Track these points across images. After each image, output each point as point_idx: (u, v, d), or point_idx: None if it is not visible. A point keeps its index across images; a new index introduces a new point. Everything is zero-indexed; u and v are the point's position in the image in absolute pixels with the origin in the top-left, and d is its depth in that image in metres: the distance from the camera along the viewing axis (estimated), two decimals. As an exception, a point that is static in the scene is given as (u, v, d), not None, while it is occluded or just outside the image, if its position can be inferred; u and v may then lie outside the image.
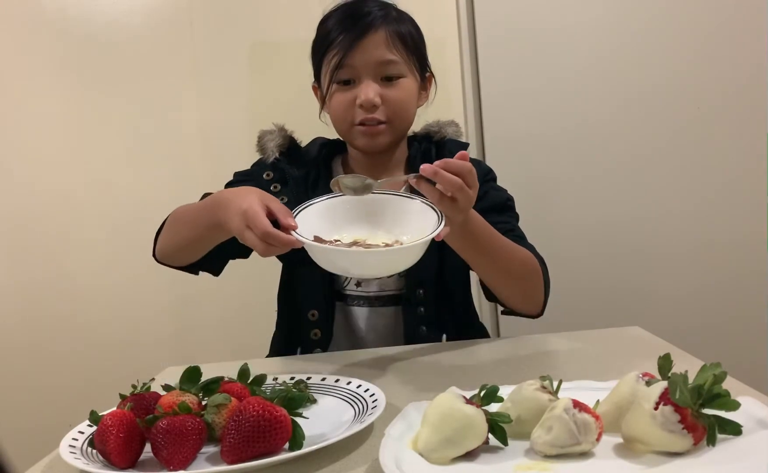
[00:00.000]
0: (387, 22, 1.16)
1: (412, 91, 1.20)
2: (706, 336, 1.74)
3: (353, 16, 1.16)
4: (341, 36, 1.15)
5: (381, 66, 1.15)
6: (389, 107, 1.17)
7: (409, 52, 1.18)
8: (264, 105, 1.95)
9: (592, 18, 1.82)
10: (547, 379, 0.68)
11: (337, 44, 1.15)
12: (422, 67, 1.23)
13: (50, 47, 1.95)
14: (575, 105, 1.82)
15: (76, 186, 1.97)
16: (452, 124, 1.32)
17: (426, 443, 0.63)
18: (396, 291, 1.22)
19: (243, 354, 1.23)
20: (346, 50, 1.14)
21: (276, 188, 1.23)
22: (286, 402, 0.70)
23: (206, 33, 1.96)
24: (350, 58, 1.14)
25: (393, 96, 1.17)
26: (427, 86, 1.26)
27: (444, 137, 1.29)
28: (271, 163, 1.26)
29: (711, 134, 1.81)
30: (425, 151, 1.27)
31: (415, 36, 1.21)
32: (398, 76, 1.17)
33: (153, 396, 0.75)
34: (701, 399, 0.59)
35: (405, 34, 1.18)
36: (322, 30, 1.21)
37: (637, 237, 1.83)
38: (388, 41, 1.15)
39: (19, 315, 1.98)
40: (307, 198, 1.15)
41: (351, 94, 1.17)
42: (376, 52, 1.15)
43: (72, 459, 0.69)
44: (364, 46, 1.14)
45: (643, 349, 1.04)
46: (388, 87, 1.17)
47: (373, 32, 1.14)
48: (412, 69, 1.19)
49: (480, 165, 1.29)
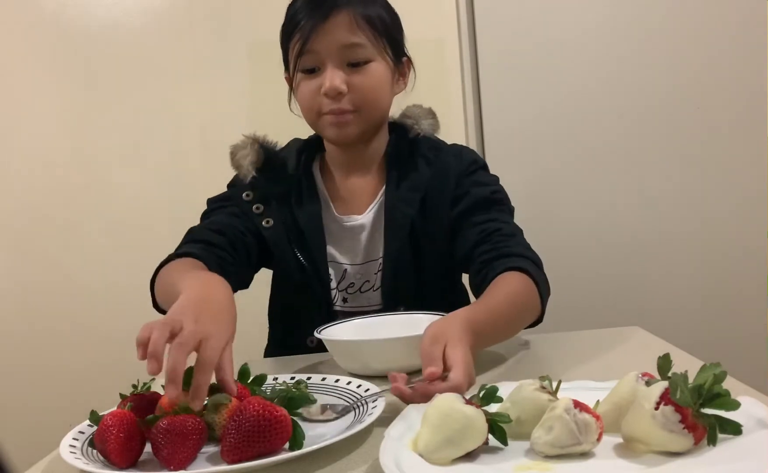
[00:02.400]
0: (352, 4, 1.09)
1: (383, 77, 1.13)
2: (706, 336, 1.74)
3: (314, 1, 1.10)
4: (304, 19, 1.09)
5: (345, 50, 1.09)
6: (357, 94, 1.10)
7: (378, 34, 1.11)
8: (264, 105, 1.95)
9: (592, 17, 1.82)
10: (547, 379, 0.68)
11: (300, 28, 1.09)
12: (396, 51, 1.16)
13: (50, 47, 1.95)
14: (575, 104, 1.82)
15: (76, 186, 1.97)
16: (429, 114, 1.24)
17: (426, 444, 0.63)
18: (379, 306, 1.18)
19: (243, 354, 1.23)
20: (308, 35, 1.08)
21: (259, 209, 1.17)
22: (286, 402, 0.71)
23: (206, 33, 1.96)
24: (313, 42, 1.08)
25: (360, 82, 1.10)
26: (404, 71, 1.19)
27: (418, 134, 1.21)
28: (249, 182, 1.19)
29: (711, 134, 1.81)
30: (398, 150, 1.20)
31: (385, 18, 1.13)
32: (366, 60, 1.10)
33: (153, 396, 0.75)
34: (701, 399, 0.59)
35: (373, 16, 1.11)
36: (288, 13, 1.15)
37: (637, 237, 1.83)
38: (353, 23, 1.08)
39: (19, 315, 1.98)
40: (293, 216, 1.17)
41: (316, 82, 1.11)
42: (340, 35, 1.08)
43: (72, 459, 0.69)
44: (326, 30, 1.08)
45: (643, 349, 1.04)
46: (355, 73, 1.10)
47: (336, 13, 1.08)
48: (383, 52, 1.12)
49: (462, 155, 1.22)
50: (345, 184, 1.22)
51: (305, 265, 1.17)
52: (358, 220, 1.19)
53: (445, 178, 1.18)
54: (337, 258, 1.20)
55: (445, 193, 1.17)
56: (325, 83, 1.09)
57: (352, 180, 1.22)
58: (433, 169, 1.18)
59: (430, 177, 1.17)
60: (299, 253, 1.17)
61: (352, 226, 1.19)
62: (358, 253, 1.19)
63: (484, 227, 1.11)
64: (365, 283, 1.19)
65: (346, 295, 1.19)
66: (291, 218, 1.18)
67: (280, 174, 1.21)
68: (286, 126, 1.30)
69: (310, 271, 1.17)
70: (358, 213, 1.20)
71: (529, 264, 1.03)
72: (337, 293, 1.20)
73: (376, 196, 1.20)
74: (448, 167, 1.19)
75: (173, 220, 1.97)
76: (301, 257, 1.17)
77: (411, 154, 1.20)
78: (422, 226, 1.16)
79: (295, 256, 1.17)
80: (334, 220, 1.20)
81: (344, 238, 1.20)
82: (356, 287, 1.19)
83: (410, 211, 1.15)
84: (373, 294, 1.18)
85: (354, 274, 1.19)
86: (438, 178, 1.18)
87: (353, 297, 1.19)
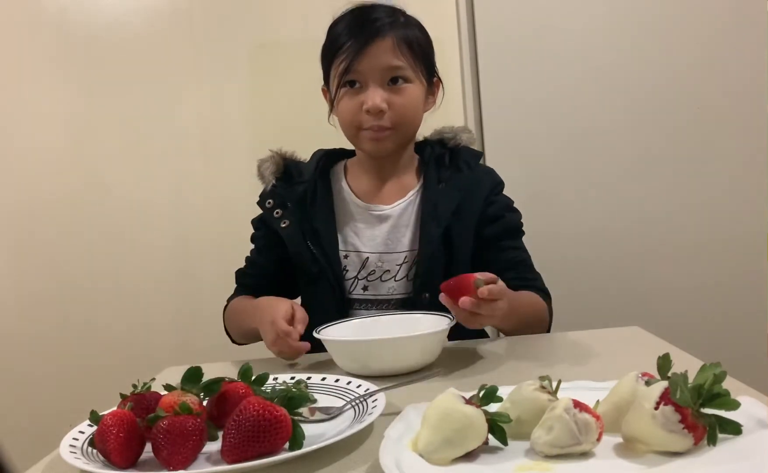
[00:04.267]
0: (394, 27, 1.18)
1: (419, 97, 1.23)
2: (706, 336, 1.74)
3: (361, 22, 1.19)
4: (350, 42, 1.17)
5: (388, 71, 1.18)
6: (395, 112, 1.19)
7: (416, 58, 1.20)
8: (264, 105, 1.96)
9: (592, 17, 1.81)
10: (547, 379, 0.68)
11: (345, 50, 1.18)
12: (429, 72, 1.25)
13: (50, 47, 1.95)
14: (575, 106, 1.82)
15: (77, 186, 1.97)
16: (466, 130, 1.34)
17: (426, 444, 0.63)
18: (404, 295, 1.24)
19: (243, 354, 1.24)
20: (354, 56, 1.17)
21: (278, 214, 1.27)
22: (286, 402, 0.70)
23: (206, 33, 1.96)
24: (358, 63, 1.17)
25: (399, 101, 1.19)
26: (434, 91, 1.28)
27: (458, 144, 1.30)
28: (270, 190, 1.29)
29: (711, 134, 1.81)
30: (439, 156, 1.29)
31: (422, 41, 1.23)
32: (405, 81, 1.20)
33: (153, 396, 0.75)
34: (701, 398, 0.59)
35: (412, 39, 1.20)
36: (331, 34, 1.23)
37: (637, 237, 1.83)
38: (395, 47, 1.18)
39: (20, 316, 1.98)
40: (308, 217, 1.26)
41: (358, 99, 1.19)
42: (384, 57, 1.17)
43: (72, 459, 0.69)
44: (371, 52, 1.16)
45: (643, 349, 1.04)
46: (395, 92, 1.19)
47: (381, 38, 1.17)
48: (419, 74, 1.21)
49: (491, 175, 1.33)
50: (374, 183, 1.31)
51: (319, 258, 1.24)
52: (385, 209, 1.28)
53: (478, 188, 1.27)
54: (359, 247, 1.27)
55: (476, 202, 1.26)
56: (368, 102, 1.18)
57: (381, 181, 1.30)
58: (473, 175, 1.27)
59: (470, 181, 1.26)
60: (313, 247, 1.25)
61: (379, 215, 1.27)
62: (381, 242, 1.26)
63: (512, 256, 1.25)
64: (385, 273, 1.25)
65: (366, 283, 1.26)
66: (306, 217, 1.27)
67: (297, 180, 1.30)
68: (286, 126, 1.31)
69: (324, 262, 1.24)
70: (386, 204, 1.28)
71: (546, 297, 1.22)
72: (357, 282, 1.26)
73: (404, 194, 1.28)
74: (483, 180, 1.29)
75: (173, 220, 1.99)
76: (315, 251, 1.25)
77: (453, 159, 1.29)
78: (456, 223, 1.24)
79: (309, 250, 1.25)
80: (361, 207, 1.29)
81: (368, 226, 1.27)
82: (377, 275, 1.25)
83: (451, 206, 1.24)
84: (394, 283, 1.25)
85: (375, 262, 1.25)
86: (475, 184, 1.27)
87: (374, 285, 1.25)
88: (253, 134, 1.96)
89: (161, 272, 2.00)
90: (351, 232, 1.28)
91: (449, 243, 1.23)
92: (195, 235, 1.97)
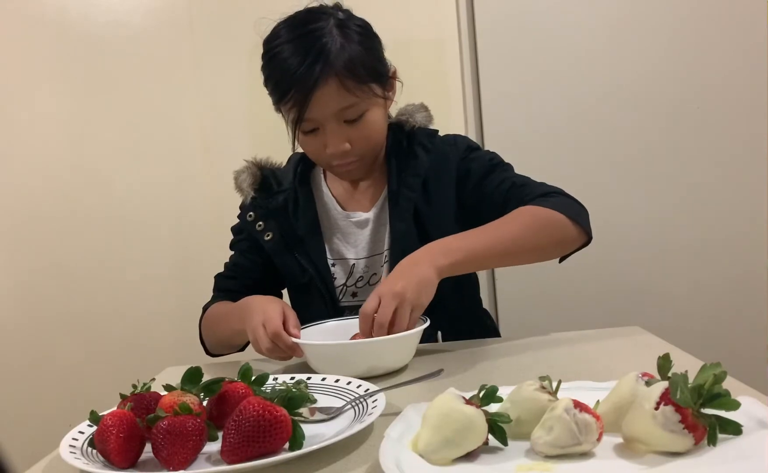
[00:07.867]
0: (334, 61, 1.08)
1: (379, 116, 1.18)
2: (706, 336, 1.74)
3: (301, 60, 1.08)
4: (292, 90, 1.09)
5: (340, 112, 1.12)
6: (359, 145, 1.16)
7: (365, 82, 1.12)
8: (264, 105, 1.95)
9: (592, 17, 1.82)
10: (547, 379, 0.68)
11: (290, 98, 1.10)
12: (382, 82, 1.17)
13: (50, 47, 1.95)
14: (575, 104, 1.82)
15: (77, 185, 1.97)
16: (421, 108, 1.28)
17: (426, 444, 0.63)
18: None
19: (243, 354, 1.24)
20: (302, 106, 1.10)
21: (260, 227, 1.24)
22: (286, 402, 0.70)
23: (206, 33, 1.96)
24: (308, 112, 1.10)
25: (361, 135, 1.15)
26: (392, 84, 1.21)
27: (414, 126, 1.25)
28: (249, 203, 1.25)
29: (710, 133, 1.81)
30: (397, 145, 1.25)
31: (366, 60, 1.12)
32: (361, 114, 1.14)
33: (153, 396, 0.75)
34: (701, 399, 0.59)
35: (356, 63, 1.10)
36: (271, 66, 1.14)
37: (637, 237, 1.83)
38: (340, 87, 1.09)
39: (19, 315, 1.98)
40: (291, 227, 1.24)
41: (318, 140, 1.15)
42: (332, 104, 1.10)
43: (72, 459, 0.69)
44: (318, 101, 1.09)
45: (643, 349, 1.04)
46: (354, 127, 1.14)
47: (323, 83, 1.08)
48: (373, 94, 1.14)
49: (457, 143, 1.27)
50: (350, 188, 1.29)
51: (306, 268, 1.23)
52: (363, 215, 1.26)
53: (444, 162, 1.24)
54: (345, 254, 1.26)
55: (446, 177, 1.23)
56: (329, 147, 1.14)
57: (356, 187, 1.29)
58: (432, 155, 1.24)
59: (429, 162, 1.23)
60: (300, 258, 1.24)
61: (358, 221, 1.26)
62: (364, 247, 1.25)
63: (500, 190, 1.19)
64: (373, 276, 1.24)
65: (355, 289, 1.25)
66: (289, 227, 1.25)
67: (277, 189, 1.27)
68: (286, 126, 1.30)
69: (312, 272, 1.23)
70: (364, 210, 1.27)
71: (542, 201, 1.14)
72: (346, 289, 1.25)
73: (379, 194, 1.27)
74: (446, 153, 1.25)
75: (173, 220, 1.99)
76: (302, 261, 1.23)
77: (409, 144, 1.25)
78: (426, 210, 1.22)
79: (296, 261, 1.24)
80: (341, 215, 1.27)
81: (351, 233, 1.26)
82: (365, 280, 1.24)
83: (413, 194, 1.21)
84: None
85: (362, 268, 1.25)
86: (437, 161, 1.24)
87: (362, 290, 1.24)
88: (252, 133, 1.96)
89: (161, 272, 2.00)
90: (336, 239, 1.26)
91: (424, 232, 1.19)
92: (195, 235, 1.97)
